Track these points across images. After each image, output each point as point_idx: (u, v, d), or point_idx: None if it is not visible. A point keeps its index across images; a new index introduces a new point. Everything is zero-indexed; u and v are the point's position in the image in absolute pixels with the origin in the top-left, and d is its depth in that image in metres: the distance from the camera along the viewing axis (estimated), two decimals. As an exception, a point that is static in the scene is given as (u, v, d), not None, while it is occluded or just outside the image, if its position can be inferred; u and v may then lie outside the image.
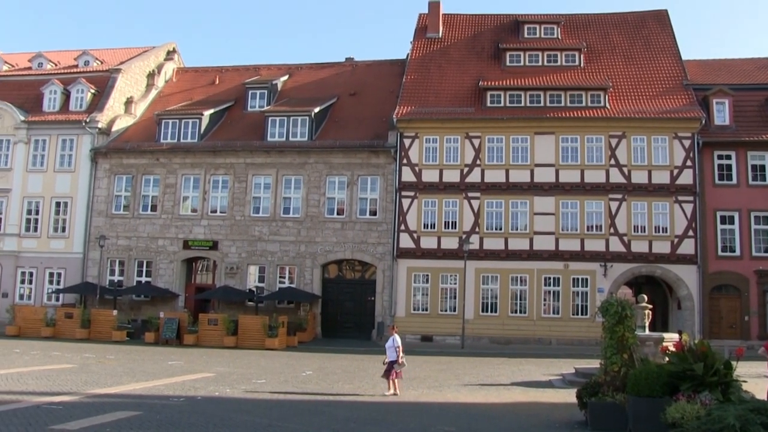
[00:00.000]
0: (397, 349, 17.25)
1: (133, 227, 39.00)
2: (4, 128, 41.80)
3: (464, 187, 35.34)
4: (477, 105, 36.86)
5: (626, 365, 13.21)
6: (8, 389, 16.05)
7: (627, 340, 13.44)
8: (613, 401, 12.41)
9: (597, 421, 12.63)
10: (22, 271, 40.55)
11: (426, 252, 35.26)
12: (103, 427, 11.73)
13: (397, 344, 17.38)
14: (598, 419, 12.63)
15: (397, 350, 17.23)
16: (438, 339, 34.42)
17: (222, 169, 38.35)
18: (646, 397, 11.55)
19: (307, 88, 42.71)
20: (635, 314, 14.04)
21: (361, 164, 36.81)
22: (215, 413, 13.68)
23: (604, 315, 13.83)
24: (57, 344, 30.37)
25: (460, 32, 42.52)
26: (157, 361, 23.98)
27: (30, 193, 40.88)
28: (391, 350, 17.31)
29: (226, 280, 37.15)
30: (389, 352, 17.36)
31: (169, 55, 48.74)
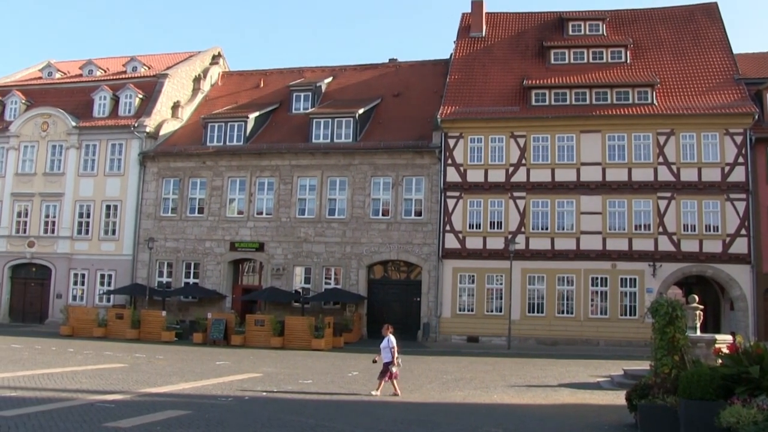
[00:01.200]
0: (392, 349, 17.11)
1: (180, 229, 39.57)
2: (57, 134, 42.81)
3: (509, 186, 35.10)
4: (522, 104, 36.58)
5: (677, 367, 12.95)
6: (63, 387, 16.47)
7: (678, 341, 13.18)
8: (664, 404, 12.18)
9: (647, 424, 12.41)
10: (74, 272, 41.48)
11: (471, 252, 35.10)
12: (153, 426, 11.92)
13: (392, 345, 17.21)
14: (648, 422, 12.42)
15: (392, 351, 17.09)
16: (484, 340, 34.25)
17: (267, 171, 38.68)
18: (698, 400, 11.31)
19: (351, 90, 42.88)
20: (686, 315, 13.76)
21: (405, 165, 36.80)
22: (263, 413, 13.80)
23: (653, 316, 13.59)
24: (108, 344, 30.96)
25: (503, 31, 42.23)
26: (205, 362, 24.27)
27: (81, 196, 41.78)
28: (386, 351, 17.16)
29: (273, 282, 37.45)
30: (384, 353, 17.19)
31: (214, 60, 49.38)
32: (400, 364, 17.19)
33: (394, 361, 16.94)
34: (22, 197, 42.85)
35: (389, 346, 17.12)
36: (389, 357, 16.97)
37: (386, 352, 17.11)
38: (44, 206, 42.47)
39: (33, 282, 42.68)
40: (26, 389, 15.93)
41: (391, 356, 16.97)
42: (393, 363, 16.92)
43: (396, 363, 16.96)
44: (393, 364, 16.91)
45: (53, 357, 24.27)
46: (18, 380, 17.36)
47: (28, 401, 14.18)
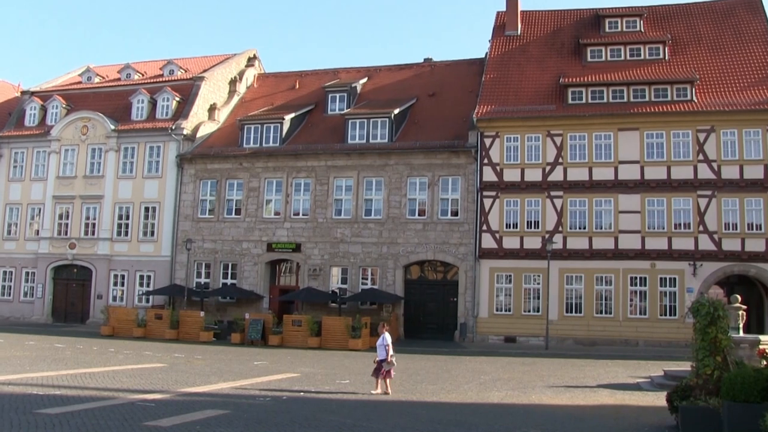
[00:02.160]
0: (386, 347, 17.15)
1: (218, 230, 39.93)
2: (96, 137, 43.49)
3: (546, 186, 34.84)
4: (558, 102, 36.28)
5: (720, 368, 12.74)
6: (105, 386, 16.73)
7: (720, 342, 12.97)
8: (707, 406, 12.00)
9: (689, 426, 12.23)
10: (114, 273, 42.12)
11: (508, 252, 34.91)
12: (193, 425, 12.05)
13: (386, 343, 17.25)
14: (690, 424, 12.23)
15: (387, 348, 17.12)
16: (521, 340, 34.05)
17: (304, 172, 38.87)
18: (742, 402, 11.13)
19: (386, 90, 42.90)
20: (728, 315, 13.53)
21: (441, 165, 36.72)
22: (301, 413, 13.86)
23: (695, 316, 13.39)
24: (148, 344, 31.37)
25: (539, 29, 41.91)
26: (243, 362, 24.45)
27: (120, 198, 42.41)
28: (381, 348, 17.22)
29: (310, 282, 37.62)
30: (379, 351, 17.26)
31: (250, 62, 49.75)
32: (393, 362, 17.22)
33: (387, 358, 16.99)
34: (63, 200, 43.63)
35: (384, 344, 17.23)
36: (383, 355, 17.06)
37: (381, 349, 17.22)
38: (85, 208, 43.18)
39: (74, 283, 43.44)
40: (69, 388, 16.22)
41: (385, 354, 17.04)
42: (387, 361, 16.98)
43: (389, 361, 17.00)
44: (386, 361, 16.98)
45: (94, 356, 24.67)
46: (61, 379, 17.69)
47: (71, 399, 14.45)
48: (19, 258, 44.51)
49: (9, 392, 15.16)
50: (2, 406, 13.27)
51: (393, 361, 17.15)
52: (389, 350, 17.12)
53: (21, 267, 44.44)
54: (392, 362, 17.10)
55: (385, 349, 17.12)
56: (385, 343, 17.23)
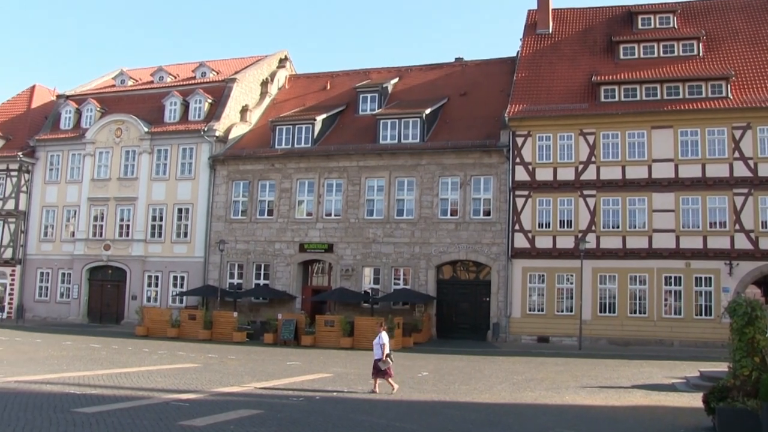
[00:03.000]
0: (382, 346, 17.24)
1: (250, 231, 40.19)
2: (130, 140, 44.01)
3: (579, 185, 34.56)
4: (590, 100, 35.97)
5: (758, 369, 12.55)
6: (140, 386, 16.94)
7: (758, 342, 12.77)
8: (744, 407, 11.83)
9: (726, 428, 12.06)
10: (148, 274, 42.59)
11: (541, 252, 34.69)
12: (227, 425, 12.14)
13: (383, 342, 17.36)
14: (727, 426, 12.06)
15: (383, 348, 17.21)
16: (554, 340, 33.82)
17: (335, 173, 38.98)
18: (781, 403, 10.96)
19: (417, 90, 42.87)
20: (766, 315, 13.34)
21: (473, 164, 36.60)
22: (334, 413, 13.91)
23: (731, 316, 13.20)
24: (182, 344, 31.65)
25: (570, 27, 41.58)
26: (276, 362, 24.58)
27: (154, 200, 42.86)
28: (377, 347, 17.37)
29: (342, 282, 37.70)
30: (376, 350, 17.38)
31: (281, 63, 50.01)
32: (389, 361, 17.29)
33: (383, 357, 17.10)
34: (98, 202, 44.21)
35: (380, 343, 17.36)
36: (379, 354, 17.19)
37: (377, 348, 17.37)
38: (119, 210, 43.72)
39: (109, 284, 44.01)
40: (105, 387, 16.45)
41: (381, 353, 17.16)
42: (382, 360, 17.09)
43: (384, 360, 17.10)
44: (382, 360, 17.08)
45: (129, 356, 24.98)
46: (97, 378, 17.94)
47: (107, 399, 14.65)
48: (56, 259, 45.23)
49: (47, 391, 15.43)
50: (41, 404, 13.53)
51: (389, 359, 17.28)
52: (385, 349, 17.26)
53: (57, 268, 45.17)
54: (388, 361, 17.23)
55: (380, 348, 17.29)
56: (381, 342, 17.41)
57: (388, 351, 17.30)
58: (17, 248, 46.10)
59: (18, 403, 13.70)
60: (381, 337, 17.54)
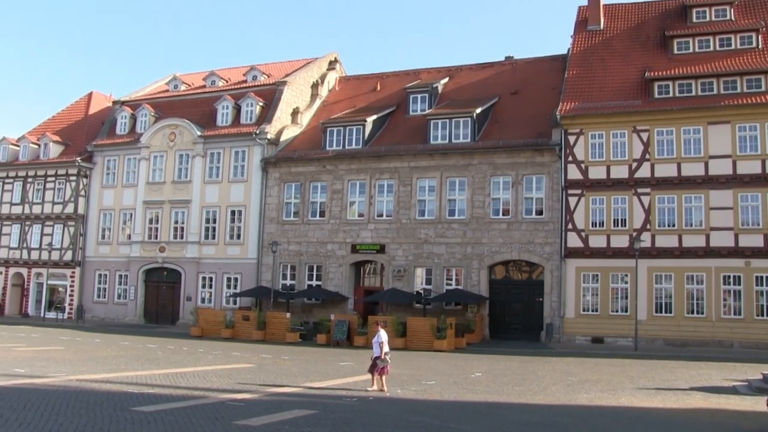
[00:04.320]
0: (380, 344, 17.30)
1: (303, 233, 40.47)
2: (183, 143, 44.72)
3: (633, 182, 33.98)
4: (644, 97, 35.33)
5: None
6: (195, 385, 17.19)
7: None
8: (809, 409, 11.49)
9: (791, 431, 11.73)
10: (202, 276, 43.23)
11: (595, 251, 34.20)
12: (282, 424, 12.22)
13: (381, 340, 17.40)
14: (791, 428, 11.73)
15: (381, 346, 17.24)
16: (609, 341, 33.31)
17: (387, 174, 39.02)
18: None
19: (467, 89, 42.68)
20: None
21: (525, 163, 36.27)
22: (387, 413, 13.90)
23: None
24: (236, 345, 32.02)
25: (622, 22, 40.86)
26: (329, 362, 24.69)
27: (207, 203, 43.49)
28: (376, 346, 17.42)
29: (394, 283, 37.72)
30: (375, 348, 17.44)
31: (331, 65, 50.29)
32: (387, 360, 17.36)
33: (381, 356, 17.17)
34: (153, 205, 45.03)
35: (378, 341, 17.44)
36: (378, 352, 17.25)
37: (376, 346, 17.44)
38: (173, 213, 44.46)
39: (164, 285, 44.78)
40: (162, 387, 16.72)
41: (379, 351, 17.23)
42: (380, 358, 17.16)
43: (383, 358, 17.17)
44: (380, 358, 17.16)
45: (185, 357, 25.36)
46: (154, 378, 18.25)
47: (164, 398, 14.88)
48: (113, 261, 46.24)
49: (107, 390, 15.76)
50: (101, 402, 13.84)
51: (387, 358, 17.36)
52: (383, 347, 17.35)
53: (114, 270, 46.15)
54: (386, 359, 17.30)
55: (379, 346, 17.38)
56: (380, 340, 17.51)
57: (386, 349, 17.45)
58: (76, 251, 47.27)
59: (79, 400, 14.04)
60: (380, 335, 17.70)
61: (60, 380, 17.41)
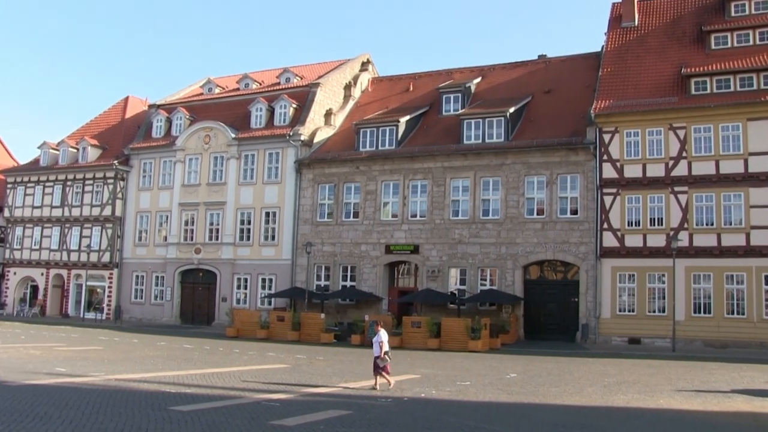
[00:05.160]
0: (380, 344, 17.47)
1: (336, 234, 40.58)
2: (218, 146, 45.11)
3: (670, 181, 33.50)
4: (680, 94, 34.81)
5: None
6: (231, 386, 17.32)
7: None
8: None
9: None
10: (237, 277, 43.56)
11: (631, 251, 33.81)
12: (317, 425, 12.25)
13: (381, 339, 17.57)
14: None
15: (381, 345, 17.43)
16: (646, 341, 32.89)
17: (420, 174, 38.96)
18: None
19: (500, 89, 42.47)
20: None
21: (559, 163, 35.98)
22: (422, 414, 13.87)
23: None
24: (271, 345, 32.19)
25: (657, 18, 40.28)
26: (364, 363, 24.59)
27: (242, 204, 43.82)
28: (376, 345, 17.60)
29: (428, 283, 37.65)
30: (375, 347, 17.62)
31: (363, 66, 50.37)
32: (387, 358, 17.49)
33: (381, 355, 17.32)
34: (188, 207, 45.50)
35: (378, 341, 17.59)
36: (378, 351, 17.41)
37: (376, 346, 17.59)
38: (208, 214, 44.88)
39: (200, 286, 45.21)
40: (198, 387, 16.87)
41: (379, 350, 17.39)
42: (380, 357, 17.32)
43: (383, 357, 17.33)
44: (380, 357, 17.31)
45: (221, 357, 25.57)
46: (191, 378, 18.42)
47: (201, 398, 15.01)
48: (150, 263, 46.80)
49: (144, 389, 15.95)
50: (139, 402, 14.02)
51: (387, 357, 17.49)
52: (383, 347, 17.49)
53: (151, 271, 46.71)
54: (386, 358, 17.43)
55: (379, 345, 17.52)
56: (380, 340, 17.63)
57: (386, 348, 17.57)
58: (114, 252, 47.95)
59: (118, 400, 14.24)
60: (380, 335, 17.81)
61: (99, 379, 17.69)
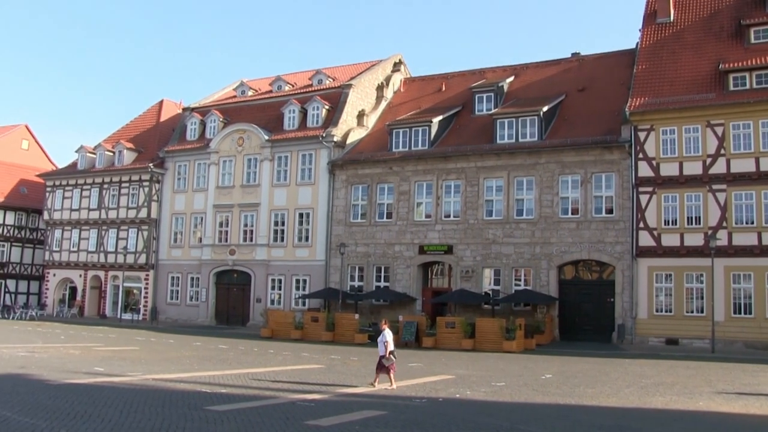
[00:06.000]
0: (385, 344, 17.46)
1: (370, 234, 40.59)
2: (251, 148, 45.40)
3: (708, 179, 32.96)
4: (718, 90, 34.22)
5: None
6: (266, 386, 17.39)
7: None
8: None
9: None
10: (272, 278, 43.78)
11: (668, 250, 33.33)
12: (352, 425, 12.23)
13: (386, 339, 17.54)
14: None
15: (386, 345, 17.43)
16: (684, 342, 32.39)
17: (453, 174, 38.83)
18: None
19: (534, 88, 42.17)
20: None
21: (594, 161, 35.62)
22: (457, 414, 13.79)
23: None
24: (305, 346, 32.27)
25: (693, 13, 39.54)
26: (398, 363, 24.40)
27: (276, 206, 44.05)
28: (381, 345, 17.62)
29: (462, 284, 37.51)
30: (380, 347, 17.64)
31: (395, 67, 50.34)
32: (392, 357, 17.45)
33: (386, 354, 17.30)
34: (223, 209, 45.84)
35: (383, 341, 17.58)
36: (383, 351, 17.40)
37: (381, 345, 17.60)
38: (243, 216, 45.18)
39: (235, 287, 45.52)
40: (234, 387, 16.96)
41: (384, 350, 17.34)
42: (386, 356, 17.30)
43: (388, 357, 17.31)
44: (386, 357, 17.29)
45: (255, 357, 25.69)
46: (226, 378, 18.52)
47: (236, 398, 15.09)
48: (185, 264, 47.24)
49: (181, 389, 16.07)
50: (176, 401, 14.14)
51: (392, 356, 17.44)
52: (388, 346, 17.46)
53: (186, 273, 47.14)
54: (391, 357, 17.39)
55: (384, 345, 17.50)
56: (385, 339, 17.62)
57: (391, 348, 17.54)
58: (150, 254, 48.46)
59: (155, 399, 14.37)
60: (384, 334, 17.79)
61: (137, 379, 17.88)
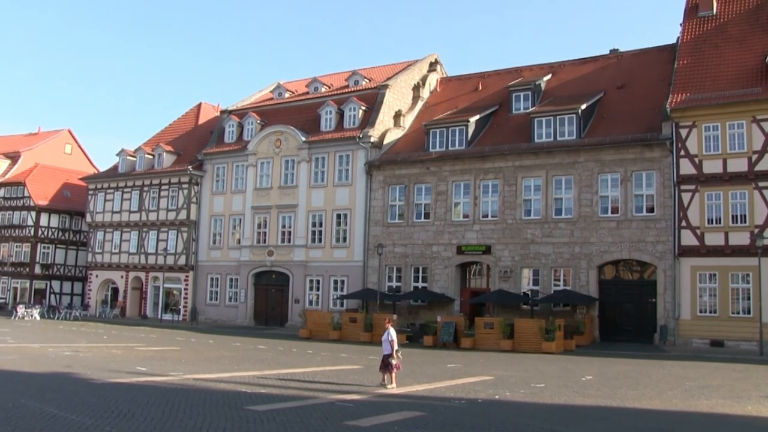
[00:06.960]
0: (391, 342, 17.34)
1: (408, 235, 40.49)
2: (289, 149, 45.61)
3: (753, 176, 32.19)
4: (764, 84, 33.36)
5: None
6: (306, 386, 17.42)
7: None
8: None
9: None
10: (309, 279, 43.93)
11: (711, 249, 32.67)
12: (391, 426, 12.18)
13: (391, 338, 17.43)
14: None
15: (392, 344, 17.31)
16: (730, 344, 31.69)
17: (491, 174, 38.57)
18: None
19: (571, 85, 41.69)
20: None
21: (634, 159, 35.09)
22: (496, 416, 13.66)
23: None
24: (343, 346, 32.31)
25: (737, 5, 38.60)
26: (436, 364, 24.55)
27: (313, 207, 44.19)
28: (386, 344, 17.45)
29: (500, 284, 37.23)
30: (384, 346, 17.49)
31: (431, 67, 50.19)
32: (399, 357, 17.37)
33: (392, 353, 17.17)
34: (261, 210, 46.13)
35: (389, 339, 17.41)
36: (389, 350, 17.27)
37: (386, 345, 17.43)
38: (281, 217, 45.41)
39: (273, 288, 45.77)
40: (273, 387, 17.02)
41: (390, 349, 17.24)
42: (392, 356, 17.15)
43: (395, 356, 17.18)
44: (392, 356, 17.15)
45: (294, 358, 25.79)
46: (265, 378, 18.60)
47: (275, 398, 15.13)
48: (224, 265, 47.62)
49: (221, 389, 16.18)
50: (216, 401, 14.26)
51: (398, 355, 17.36)
52: (394, 345, 17.35)
53: (225, 274, 47.52)
54: (398, 357, 17.31)
55: (390, 344, 17.38)
56: (390, 338, 17.50)
57: (396, 347, 17.43)
58: (189, 255, 48.97)
59: (196, 399, 14.50)
60: (389, 333, 17.65)
61: (178, 379, 18.05)
